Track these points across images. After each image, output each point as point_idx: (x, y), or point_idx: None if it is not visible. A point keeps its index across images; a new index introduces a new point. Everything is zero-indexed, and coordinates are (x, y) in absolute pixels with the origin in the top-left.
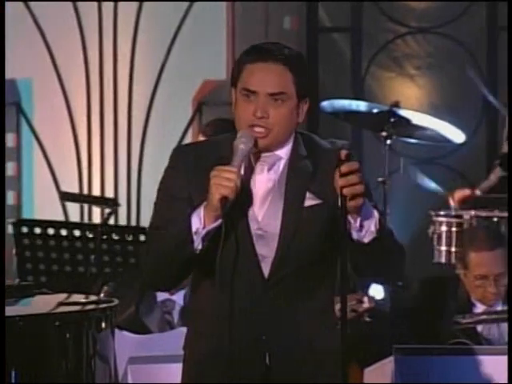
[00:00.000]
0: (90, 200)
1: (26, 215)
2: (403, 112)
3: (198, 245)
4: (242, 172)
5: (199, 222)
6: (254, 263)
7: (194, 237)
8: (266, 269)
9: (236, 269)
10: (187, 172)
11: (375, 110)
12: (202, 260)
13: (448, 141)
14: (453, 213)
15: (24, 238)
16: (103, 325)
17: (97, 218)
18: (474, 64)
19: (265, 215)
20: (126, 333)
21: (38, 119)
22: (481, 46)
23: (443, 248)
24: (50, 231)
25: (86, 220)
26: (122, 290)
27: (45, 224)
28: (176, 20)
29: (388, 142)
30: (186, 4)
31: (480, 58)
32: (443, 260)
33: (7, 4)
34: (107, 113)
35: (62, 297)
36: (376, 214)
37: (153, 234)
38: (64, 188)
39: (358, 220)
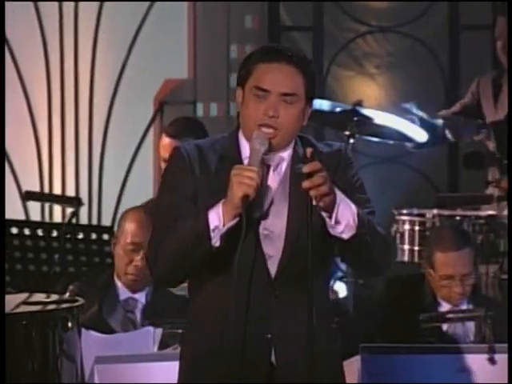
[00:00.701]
0: (54, 199)
1: None
2: (366, 111)
3: (215, 242)
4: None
5: (218, 220)
6: (260, 262)
7: (212, 234)
8: (272, 268)
9: (244, 268)
10: (193, 172)
11: (338, 109)
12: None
13: (410, 139)
14: (415, 211)
15: None
16: (69, 324)
17: (58, 218)
18: (436, 62)
19: (270, 215)
20: (92, 332)
21: None
22: (442, 45)
23: (406, 247)
24: (14, 230)
25: (47, 219)
26: (86, 289)
27: (8, 223)
28: (137, 19)
29: (351, 140)
30: (147, 3)
31: (442, 56)
32: (406, 259)
33: None
34: (68, 112)
35: (26, 296)
36: (354, 208)
37: (163, 232)
38: (25, 187)
39: (333, 216)
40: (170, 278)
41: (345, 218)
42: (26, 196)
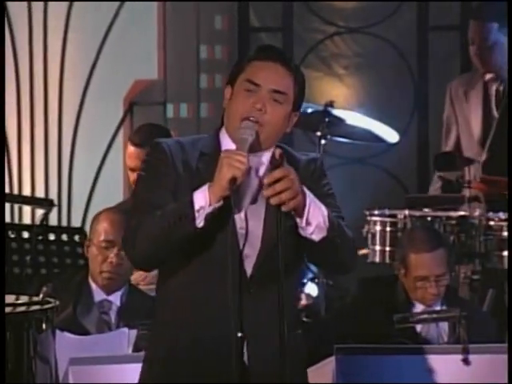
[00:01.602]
0: (26, 201)
1: None
2: (338, 112)
3: (200, 222)
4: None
5: (204, 200)
6: (237, 261)
7: (197, 214)
8: (248, 267)
9: (221, 266)
10: (174, 166)
11: (310, 110)
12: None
13: (382, 140)
14: (387, 212)
15: None
16: (44, 326)
17: (27, 219)
18: (404, 63)
19: (249, 216)
20: (66, 334)
21: None
22: (411, 46)
23: (377, 247)
24: None
25: (16, 221)
26: (59, 291)
27: None
28: (107, 20)
29: (322, 141)
30: (117, 4)
31: (410, 57)
32: (377, 259)
33: None
34: (37, 113)
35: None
36: (325, 210)
37: (143, 216)
38: None
39: (304, 218)
40: (149, 260)
41: (315, 219)
42: None
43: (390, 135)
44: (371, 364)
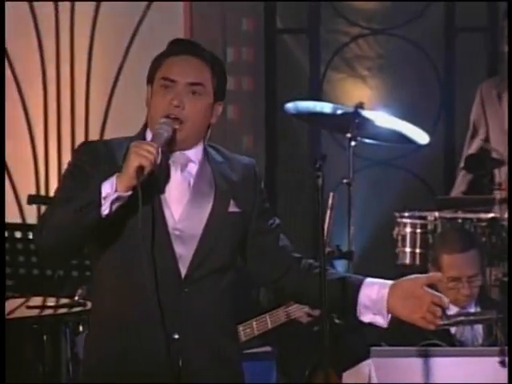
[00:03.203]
0: None
1: None
2: (368, 113)
3: (105, 209)
4: (159, 161)
5: (110, 188)
6: (171, 262)
7: (103, 201)
8: (183, 268)
9: (154, 267)
10: (98, 166)
11: (339, 112)
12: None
13: (412, 142)
14: (417, 214)
15: None
16: (80, 328)
17: None
18: (430, 64)
19: (182, 216)
20: None
21: None
22: (436, 48)
23: (407, 249)
24: (18, 234)
25: None
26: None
27: (12, 227)
28: (133, 23)
29: (352, 143)
30: (143, 7)
31: (435, 59)
32: (407, 261)
33: None
34: (64, 116)
35: (34, 300)
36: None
37: (54, 206)
38: (21, 191)
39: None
40: (55, 249)
41: None
42: (31, 200)
43: (420, 136)
44: (406, 366)
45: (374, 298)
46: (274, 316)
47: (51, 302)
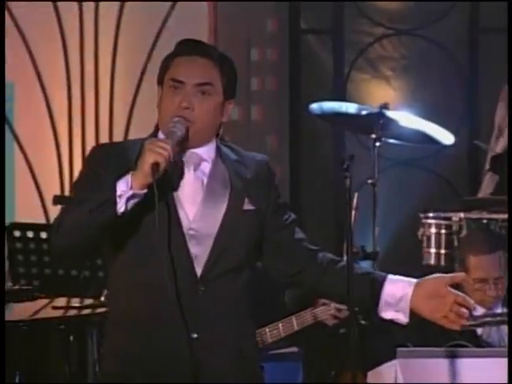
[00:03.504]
0: None
1: (6, 219)
2: (392, 113)
3: (120, 207)
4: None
5: (125, 186)
6: (186, 262)
7: (118, 199)
8: (198, 267)
9: (171, 267)
10: (112, 168)
11: (364, 112)
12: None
13: (437, 142)
14: (442, 215)
15: (17, 242)
16: None
17: None
18: (454, 66)
19: (196, 215)
20: None
21: (19, 123)
22: (461, 48)
23: (432, 250)
24: (43, 235)
25: None
26: None
27: (38, 227)
28: (157, 24)
29: (377, 144)
30: (167, 8)
31: (460, 59)
32: (432, 262)
33: None
34: (88, 116)
35: (62, 300)
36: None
37: (70, 207)
38: (45, 192)
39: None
40: (70, 248)
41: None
42: (56, 200)
43: (445, 137)
44: (432, 367)
45: (399, 295)
46: (300, 318)
47: (76, 302)
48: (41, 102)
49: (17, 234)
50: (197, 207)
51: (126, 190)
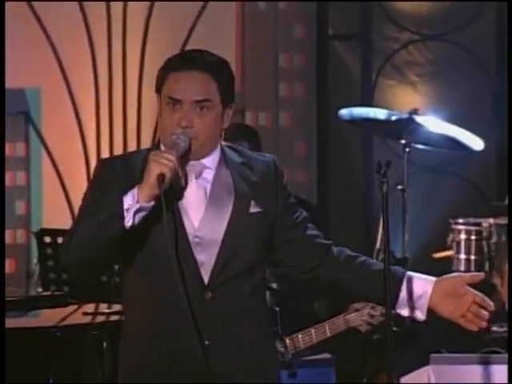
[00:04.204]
0: None
1: (34, 225)
2: (422, 119)
3: (128, 221)
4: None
5: (132, 200)
6: (193, 269)
7: (125, 213)
8: (205, 274)
9: (177, 275)
10: (115, 183)
11: (394, 118)
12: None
13: (466, 148)
14: (471, 221)
15: (47, 248)
16: None
17: None
18: (482, 71)
19: (201, 222)
20: None
21: (46, 128)
22: (489, 53)
23: (462, 256)
24: None
25: None
26: None
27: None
28: (185, 29)
29: (407, 149)
30: (195, 14)
31: (487, 64)
32: (462, 268)
33: (15, 11)
34: (116, 120)
35: (90, 307)
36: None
37: (79, 222)
38: (73, 197)
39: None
40: (79, 261)
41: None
42: None
43: (475, 142)
44: (465, 373)
45: (419, 293)
46: (333, 324)
47: (104, 308)
48: (68, 106)
49: (47, 239)
50: (201, 215)
51: (132, 203)
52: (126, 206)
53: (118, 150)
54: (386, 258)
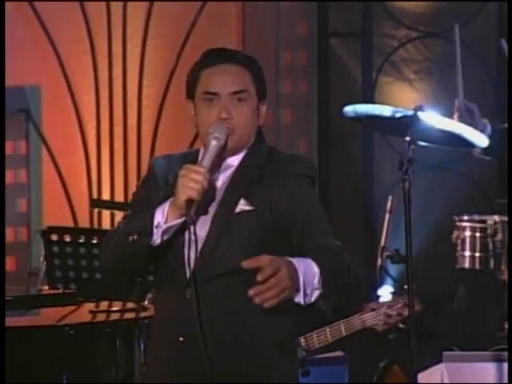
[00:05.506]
0: (123, 207)
1: (34, 222)
2: (427, 116)
3: (156, 238)
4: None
5: (162, 217)
6: (182, 266)
7: (155, 230)
8: (189, 271)
9: (170, 272)
10: (157, 184)
11: (398, 115)
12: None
13: (472, 145)
14: (476, 218)
15: (53, 246)
16: None
17: (106, 225)
18: (482, 68)
19: (196, 218)
20: None
21: (46, 126)
22: (489, 50)
23: (467, 253)
24: (80, 239)
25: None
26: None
27: (75, 232)
28: (185, 26)
29: (411, 147)
30: (195, 10)
31: (489, 61)
32: (467, 265)
33: (15, 11)
34: (116, 118)
35: (103, 304)
36: (316, 269)
37: (117, 226)
38: (73, 195)
39: (301, 294)
40: (112, 270)
41: (310, 286)
42: (94, 204)
43: (480, 139)
44: (478, 371)
45: None
46: (348, 323)
47: (117, 306)
48: (68, 104)
49: (54, 237)
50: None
51: (161, 221)
52: (155, 223)
53: (118, 148)
54: (408, 255)
